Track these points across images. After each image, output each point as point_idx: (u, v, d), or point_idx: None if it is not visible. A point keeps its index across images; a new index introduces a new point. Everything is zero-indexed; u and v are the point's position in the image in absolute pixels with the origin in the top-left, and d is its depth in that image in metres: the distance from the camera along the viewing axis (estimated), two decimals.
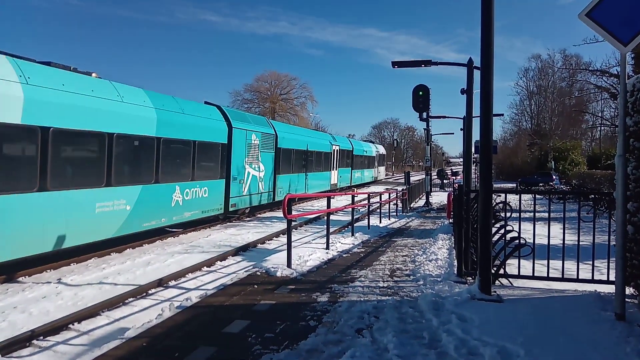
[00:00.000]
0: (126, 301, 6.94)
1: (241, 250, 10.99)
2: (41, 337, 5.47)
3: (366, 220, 13.92)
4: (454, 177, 44.42)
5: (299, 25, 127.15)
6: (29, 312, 6.40)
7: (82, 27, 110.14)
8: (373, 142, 46.92)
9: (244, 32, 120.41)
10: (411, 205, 23.74)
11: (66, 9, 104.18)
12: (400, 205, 21.01)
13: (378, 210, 16.20)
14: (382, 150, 47.29)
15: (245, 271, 6.73)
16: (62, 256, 9.15)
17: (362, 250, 9.15)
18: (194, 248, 11.12)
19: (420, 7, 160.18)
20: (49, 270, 8.69)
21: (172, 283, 8.03)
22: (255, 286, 5.78)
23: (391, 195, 19.01)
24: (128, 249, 10.73)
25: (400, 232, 12.96)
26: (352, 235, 10.90)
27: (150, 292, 7.48)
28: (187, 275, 8.54)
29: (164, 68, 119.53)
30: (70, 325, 5.87)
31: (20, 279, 8.12)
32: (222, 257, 10.11)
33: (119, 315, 6.32)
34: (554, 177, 36.33)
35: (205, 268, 9.17)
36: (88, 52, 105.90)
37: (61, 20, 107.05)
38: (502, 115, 29.01)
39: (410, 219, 17.55)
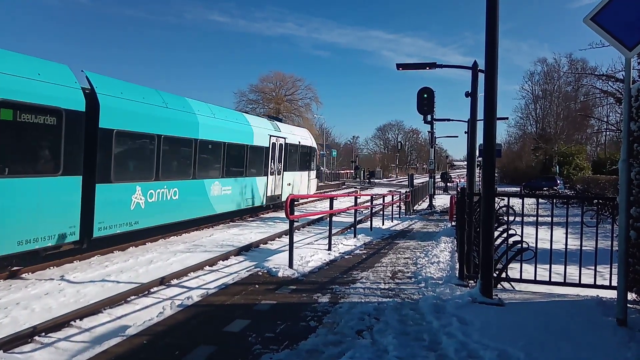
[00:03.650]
0: (128, 299, 6.96)
1: (243, 250, 11.00)
2: (43, 334, 5.49)
3: (369, 222, 13.91)
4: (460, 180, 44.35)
5: (306, 26, 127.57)
6: (32, 308, 6.44)
7: (90, 27, 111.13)
8: (275, 118, 22.16)
9: (252, 32, 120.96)
10: (414, 208, 23.71)
11: (76, 9, 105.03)
12: (403, 207, 21.00)
13: (381, 213, 16.19)
14: (303, 136, 21.98)
15: (247, 271, 6.74)
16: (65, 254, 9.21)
17: (364, 252, 9.14)
18: (196, 247, 11.15)
19: (427, 9, 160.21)
20: (52, 267, 8.73)
21: (174, 282, 8.05)
22: (257, 286, 5.80)
23: (394, 197, 19.01)
24: (131, 247, 10.77)
25: (402, 234, 12.94)
26: (355, 236, 10.89)
27: (152, 290, 7.49)
28: (189, 274, 8.56)
29: (171, 68, 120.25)
30: (72, 322, 5.89)
31: (23, 275, 8.17)
32: (225, 256, 10.13)
33: (121, 313, 6.34)
34: (558, 181, 36.21)
35: (207, 267, 9.18)
36: (96, 51, 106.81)
37: (70, 20, 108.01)
38: (507, 118, 28.95)
39: (413, 222, 17.52)
